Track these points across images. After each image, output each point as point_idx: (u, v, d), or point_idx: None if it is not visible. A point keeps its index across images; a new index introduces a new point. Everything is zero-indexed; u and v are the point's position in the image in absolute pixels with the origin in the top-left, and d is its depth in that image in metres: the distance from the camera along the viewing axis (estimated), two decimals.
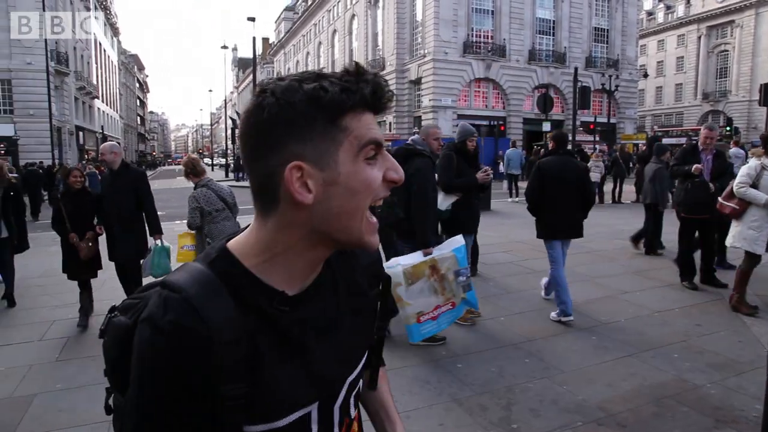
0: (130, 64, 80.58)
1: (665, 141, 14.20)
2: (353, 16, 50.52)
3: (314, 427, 0.85)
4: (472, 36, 38.16)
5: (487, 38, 38.70)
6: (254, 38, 25.04)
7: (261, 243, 0.81)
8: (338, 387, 0.89)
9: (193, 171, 5.15)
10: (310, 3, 64.24)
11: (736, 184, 5.37)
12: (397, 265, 4.27)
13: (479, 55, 37.92)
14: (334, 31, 56.26)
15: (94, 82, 46.86)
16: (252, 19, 26.32)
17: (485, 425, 3.33)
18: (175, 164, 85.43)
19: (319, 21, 61.04)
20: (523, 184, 20.11)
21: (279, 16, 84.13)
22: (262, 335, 0.77)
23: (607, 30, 43.47)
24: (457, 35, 37.21)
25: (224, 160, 50.01)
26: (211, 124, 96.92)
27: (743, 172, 5.37)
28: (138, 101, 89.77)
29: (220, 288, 0.76)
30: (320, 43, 61.31)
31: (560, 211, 5.28)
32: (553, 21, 41.04)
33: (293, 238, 0.80)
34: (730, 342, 4.66)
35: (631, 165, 21.12)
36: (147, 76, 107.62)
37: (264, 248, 0.80)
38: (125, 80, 74.44)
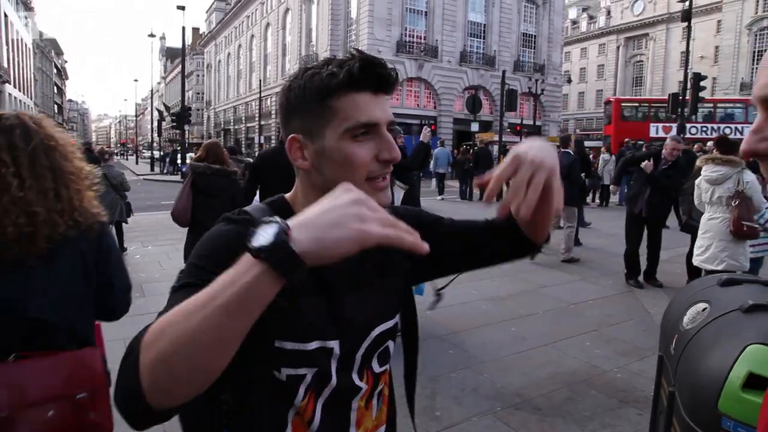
0: (47, 48, 75.75)
1: (586, 144, 15.07)
2: (287, 10, 49.84)
3: (334, 363, 0.95)
4: (406, 36, 38.55)
5: (420, 39, 39.23)
6: (183, 28, 24.22)
7: (298, 198, 0.99)
8: (361, 335, 0.99)
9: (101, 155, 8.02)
10: None
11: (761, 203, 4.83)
12: None
13: (412, 55, 38.37)
14: (268, 24, 55.29)
15: (4, 64, 43.79)
16: (182, 8, 25.44)
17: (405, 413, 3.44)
18: None
19: (252, 13, 59.77)
20: (450, 183, 20.69)
21: (210, 6, 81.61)
22: None
23: (535, 36, 45.09)
24: (390, 34, 37.49)
25: (150, 153, 48.03)
26: (136, 115, 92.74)
27: (759, 188, 4.87)
28: (55, 88, 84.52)
29: None
30: (253, 36, 60.08)
31: None
32: (484, 25, 42.12)
33: (313, 197, 0.88)
34: (636, 330, 5.03)
35: None
36: (66, 61, 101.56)
37: (300, 203, 0.96)
38: (41, 65, 69.96)
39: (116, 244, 1.84)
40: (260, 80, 51.50)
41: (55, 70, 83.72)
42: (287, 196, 1.02)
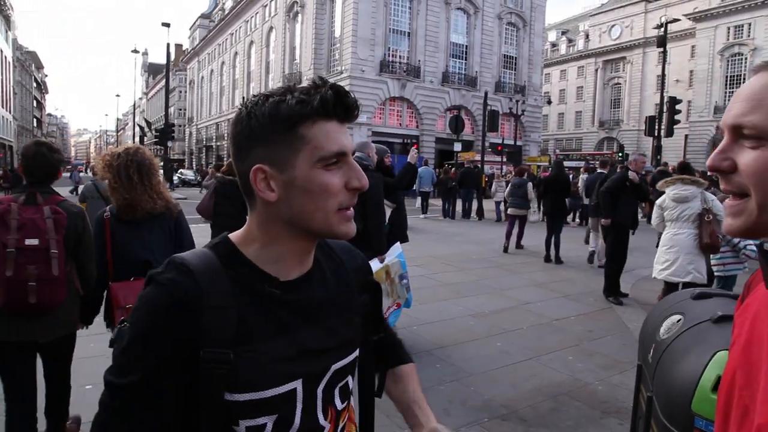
0: (27, 62, 75.09)
1: (566, 164, 15.40)
2: (271, 28, 50.19)
3: (299, 406, 0.91)
4: (389, 55, 39.04)
5: (403, 59, 39.76)
6: (168, 45, 24.32)
7: (252, 234, 0.93)
8: (321, 370, 0.95)
9: (94, 170, 7.98)
10: (227, 12, 63.13)
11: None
12: None
13: (395, 75, 38.83)
14: (251, 42, 55.56)
15: None
16: (167, 25, 25.58)
17: (401, 425, 3.54)
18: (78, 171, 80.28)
19: (236, 31, 60.07)
20: (434, 201, 20.95)
21: (194, 23, 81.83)
22: (252, 311, 0.88)
23: (515, 58, 45.93)
24: (374, 54, 37.94)
25: None
26: (117, 131, 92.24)
27: (722, 207, 5.10)
28: (35, 102, 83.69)
29: (218, 265, 0.89)
30: (236, 53, 60.30)
31: None
32: (466, 46, 42.84)
33: (274, 230, 0.91)
34: (616, 345, 5.22)
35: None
36: (46, 75, 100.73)
37: (255, 239, 0.93)
38: (21, 78, 69.26)
39: (187, 224, 3.08)
40: (243, 97, 48.92)
41: (34, 84, 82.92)
42: (234, 236, 0.95)
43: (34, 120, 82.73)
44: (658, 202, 5.78)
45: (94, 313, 2.96)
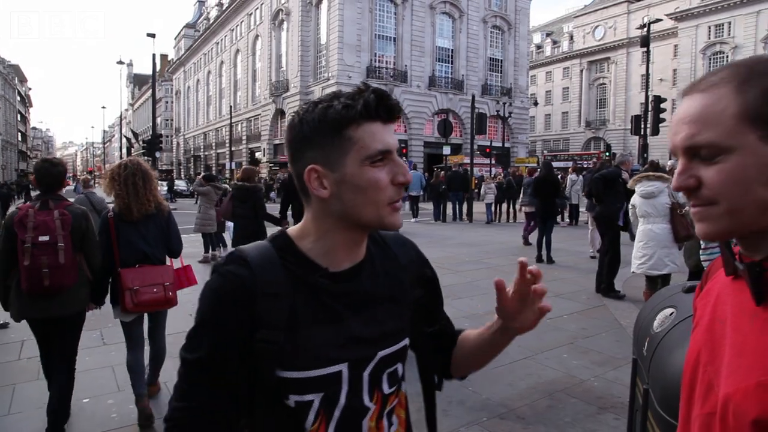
0: (10, 75, 74.44)
1: (554, 164, 15.51)
2: (257, 36, 50.21)
3: (344, 387, 0.99)
4: (375, 61, 39.22)
5: (389, 64, 39.93)
6: (154, 55, 24.23)
7: (307, 228, 1.02)
8: (368, 356, 1.02)
9: (85, 184, 9.50)
10: (212, 21, 63.07)
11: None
12: None
13: (382, 80, 38.94)
14: (237, 50, 55.54)
15: None
16: (152, 36, 25.50)
17: None
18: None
19: (222, 40, 60.02)
20: (424, 205, 21.02)
21: (179, 33, 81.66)
22: (303, 300, 0.97)
23: (501, 60, 46.28)
24: (360, 60, 38.09)
25: None
26: (104, 143, 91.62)
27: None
28: (19, 116, 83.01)
29: (274, 257, 0.98)
30: (222, 62, 60.24)
31: None
32: (452, 50, 43.12)
33: (327, 224, 1.00)
34: (610, 342, 5.28)
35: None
36: (30, 89, 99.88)
37: (309, 232, 1.02)
38: (4, 92, 68.71)
39: (176, 222, 3.78)
40: (230, 106, 51.48)
41: (18, 98, 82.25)
42: (291, 231, 1.04)
43: (19, 134, 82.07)
44: (631, 201, 5.99)
45: (103, 295, 3.59)
